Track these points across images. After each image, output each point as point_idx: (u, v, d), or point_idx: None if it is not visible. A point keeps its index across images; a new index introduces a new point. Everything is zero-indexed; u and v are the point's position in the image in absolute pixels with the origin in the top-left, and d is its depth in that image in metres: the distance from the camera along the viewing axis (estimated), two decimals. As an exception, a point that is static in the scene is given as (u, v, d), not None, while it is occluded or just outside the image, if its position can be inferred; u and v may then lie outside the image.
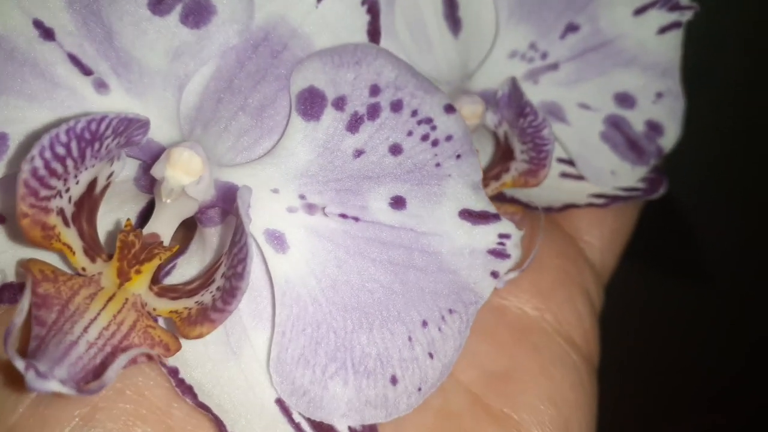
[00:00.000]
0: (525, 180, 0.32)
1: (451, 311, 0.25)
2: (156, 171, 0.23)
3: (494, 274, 0.25)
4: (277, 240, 0.24)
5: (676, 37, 0.34)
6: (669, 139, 0.34)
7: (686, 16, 0.34)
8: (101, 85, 0.24)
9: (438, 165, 0.25)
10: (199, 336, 0.22)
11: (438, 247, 0.25)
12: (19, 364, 0.19)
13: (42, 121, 0.23)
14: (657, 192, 0.34)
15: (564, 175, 0.35)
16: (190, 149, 0.23)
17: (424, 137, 0.25)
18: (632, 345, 0.59)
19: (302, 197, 0.25)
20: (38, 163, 0.20)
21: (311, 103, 0.24)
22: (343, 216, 0.25)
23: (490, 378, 0.29)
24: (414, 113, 0.25)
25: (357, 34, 0.25)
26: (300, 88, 0.24)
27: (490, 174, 0.33)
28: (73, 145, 0.21)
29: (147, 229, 0.24)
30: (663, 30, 0.34)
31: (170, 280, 0.25)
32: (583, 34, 0.33)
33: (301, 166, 0.25)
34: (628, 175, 0.34)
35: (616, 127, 0.34)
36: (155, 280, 0.23)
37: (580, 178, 0.34)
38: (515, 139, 0.32)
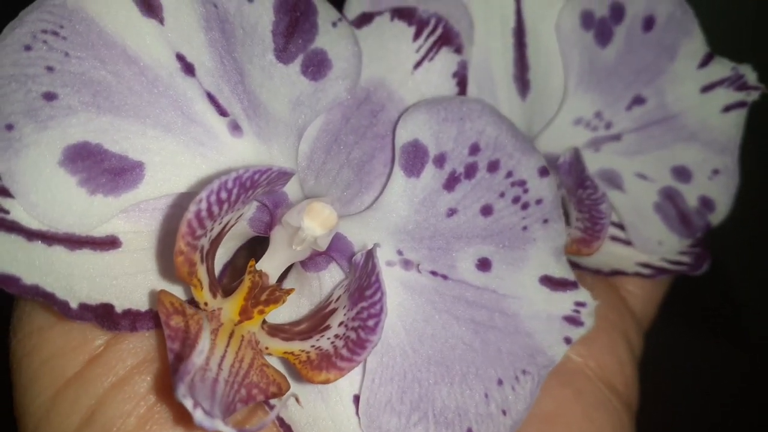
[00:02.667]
0: (578, 248, 0.32)
1: (524, 372, 0.26)
2: (292, 219, 0.25)
3: (567, 340, 0.27)
4: None
5: (739, 116, 0.34)
6: (718, 215, 0.35)
7: (753, 96, 0.34)
8: (236, 128, 0.24)
9: (525, 228, 0.26)
10: (326, 381, 0.23)
11: (517, 309, 0.26)
12: (188, 402, 0.19)
13: (176, 155, 0.24)
14: (701, 268, 0.35)
15: (614, 238, 0.35)
16: (330, 206, 0.25)
17: (516, 199, 0.26)
18: (668, 404, 0.60)
19: (400, 253, 0.26)
20: (203, 205, 0.21)
21: (414, 158, 0.25)
22: (434, 273, 0.26)
23: (535, 420, 0.31)
24: (509, 174, 0.26)
25: None
26: (405, 141, 0.25)
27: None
28: (235, 191, 0.22)
29: (258, 267, 0.25)
30: (728, 108, 0.34)
31: None
32: (648, 107, 0.33)
33: (400, 223, 0.26)
34: (674, 246, 0.35)
35: (670, 199, 0.34)
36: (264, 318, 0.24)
37: (628, 243, 0.35)
38: (571, 206, 0.32)
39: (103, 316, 0.24)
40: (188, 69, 0.24)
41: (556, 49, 0.33)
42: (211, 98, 0.24)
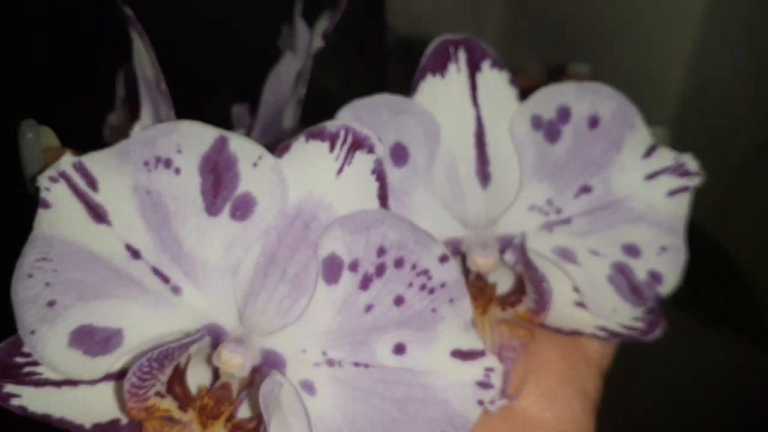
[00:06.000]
0: (531, 317, 0.38)
1: None
2: (213, 361, 0.30)
3: (480, 402, 0.32)
4: (308, 387, 0.31)
5: (683, 199, 0.38)
6: (667, 287, 0.39)
7: (694, 181, 0.38)
8: (176, 289, 0.30)
9: (434, 310, 0.31)
10: None
11: (434, 381, 0.31)
12: None
13: (143, 317, 0.30)
14: (653, 333, 0.39)
15: (578, 303, 0.40)
16: (232, 352, 0.30)
17: (422, 287, 0.30)
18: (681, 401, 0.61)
19: (324, 353, 0.31)
20: (134, 380, 0.28)
21: (332, 269, 0.30)
22: (356, 364, 0.31)
23: None
24: (413, 267, 0.30)
25: (370, 199, 0.31)
26: (324, 255, 0.30)
27: (509, 299, 0.39)
28: (154, 364, 0.28)
29: (220, 381, 0.31)
30: (672, 193, 0.38)
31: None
32: (595, 195, 0.38)
33: (324, 327, 0.31)
34: (627, 313, 0.39)
35: (621, 272, 0.39)
36: (230, 416, 0.30)
37: (588, 308, 0.40)
38: (527, 279, 0.38)
39: (110, 430, 0.30)
40: (135, 254, 0.30)
41: (513, 146, 0.39)
42: (156, 271, 0.30)
